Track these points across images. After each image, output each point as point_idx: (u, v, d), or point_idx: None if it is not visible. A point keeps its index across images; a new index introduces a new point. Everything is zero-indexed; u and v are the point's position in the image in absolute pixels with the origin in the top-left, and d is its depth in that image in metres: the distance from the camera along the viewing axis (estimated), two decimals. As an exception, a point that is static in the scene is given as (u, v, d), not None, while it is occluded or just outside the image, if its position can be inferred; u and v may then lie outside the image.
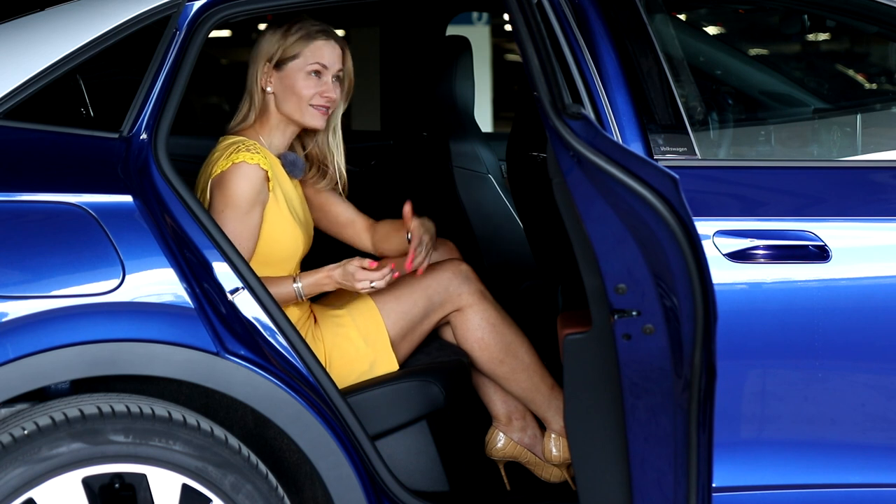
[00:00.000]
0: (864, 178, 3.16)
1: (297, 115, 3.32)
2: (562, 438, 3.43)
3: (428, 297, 3.38)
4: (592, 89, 3.02)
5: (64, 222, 2.79)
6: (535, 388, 3.43)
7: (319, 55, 3.31)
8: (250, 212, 3.18)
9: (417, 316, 3.38)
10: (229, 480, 2.77)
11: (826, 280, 2.98)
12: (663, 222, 2.56)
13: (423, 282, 3.38)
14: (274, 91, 3.31)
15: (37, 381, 2.74)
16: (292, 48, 3.31)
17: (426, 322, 3.40)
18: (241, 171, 3.17)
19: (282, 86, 3.31)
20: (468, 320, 3.42)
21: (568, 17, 3.07)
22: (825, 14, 3.98)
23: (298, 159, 3.39)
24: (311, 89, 3.30)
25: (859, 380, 3.03)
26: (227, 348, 2.82)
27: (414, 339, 3.41)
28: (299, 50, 3.31)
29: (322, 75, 3.31)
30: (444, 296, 3.39)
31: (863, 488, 3.02)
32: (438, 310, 3.40)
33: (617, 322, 2.64)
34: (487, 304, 3.43)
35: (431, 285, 3.38)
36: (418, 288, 3.38)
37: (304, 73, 3.30)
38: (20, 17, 3.13)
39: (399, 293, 3.37)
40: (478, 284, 3.44)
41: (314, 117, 3.32)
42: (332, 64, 3.32)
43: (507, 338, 3.42)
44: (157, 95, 2.94)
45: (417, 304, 3.38)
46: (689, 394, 2.65)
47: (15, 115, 2.90)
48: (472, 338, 3.42)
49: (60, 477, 2.69)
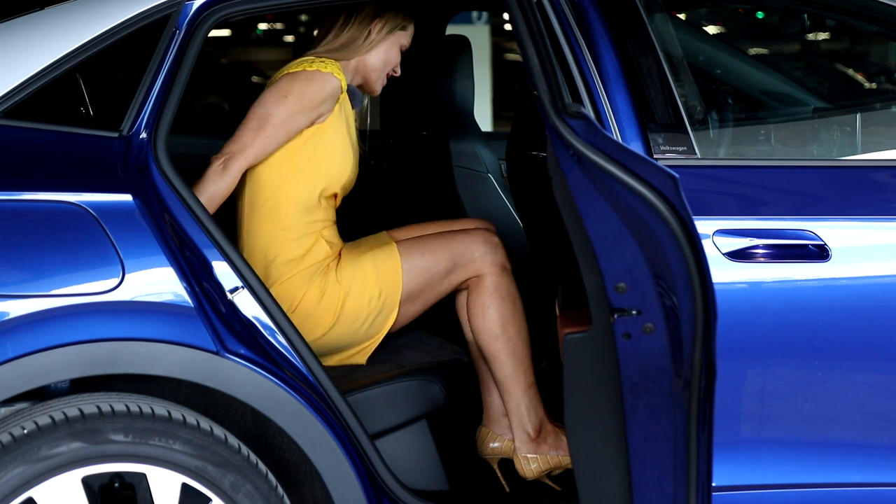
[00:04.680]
0: (864, 177, 3.16)
1: (376, 74, 3.48)
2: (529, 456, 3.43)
3: (452, 259, 3.40)
4: (592, 89, 3.02)
5: (63, 221, 2.79)
6: (515, 379, 3.42)
7: (410, 36, 3.52)
8: (307, 112, 3.29)
9: (438, 274, 3.40)
10: (229, 480, 2.77)
11: (826, 279, 2.98)
12: (663, 221, 2.56)
13: (451, 243, 3.42)
14: (372, 42, 3.45)
15: (36, 380, 2.74)
16: (404, 21, 3.49)
17: (445, 282, 3.42)
18: (316, 75, 3.30)
19: (383, 45, 3.46)
20: (482, 287, 3.41)
21: (568, 16, 3.07)
22: (825, 13, 3.98)
23: (359, 92, 3.51)
24: (397, 59, 3.50)
25: (859, 379, 3.03)
26: (226, 347, 2.82)
27: (429, 297, 3.42)
28: (407, 25, 3.49)
29: (400, 55, 3.51)
30: (467, 259, 3.41)
31: (863, 488, 3.02)
32: (460, 272, 3.41)
33: (617, 321, 2.64)
34: (505, 278, 3.43)
35: (458, 247, 3.41)
36: (445, 247, 3.41)
37: (399, 44, 3.49)
38: (20, 16, 3.13)
39: (425, 248, 3.41)
40: (502, 258, 3.44)
41: (380, 83, 3.51)
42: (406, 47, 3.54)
43: (510, 317, 3.41)
44: (156, 94, 2.94)
45: (440, 263, 3.40)
46: (689, 393, 2.65)
47: (15, 115, 2.90)
48: (479, 304, 3.41)
49: (60, 476, 2.68)
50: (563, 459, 3.41)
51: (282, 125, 3.26)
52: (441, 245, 3.41)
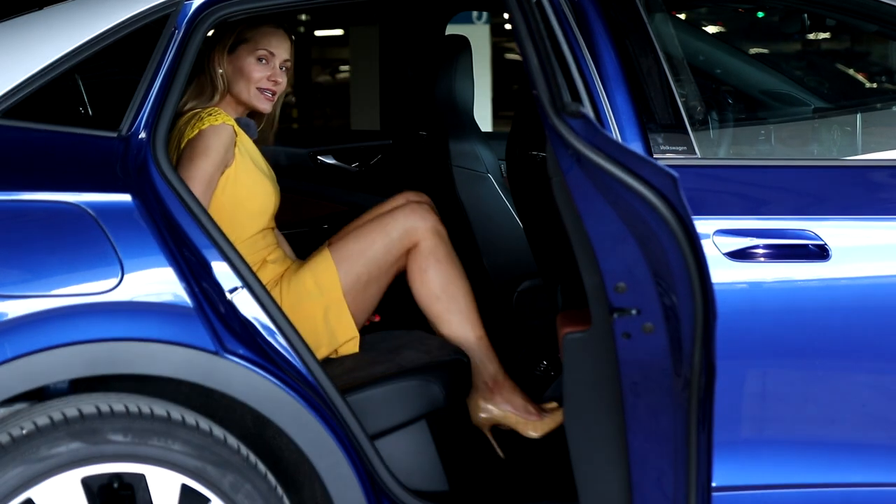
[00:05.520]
0: (864, 177, 3.16)
1: (245, 96, 3.49)
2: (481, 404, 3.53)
3: (386, 234, 3.50)
4: (592, 88, 3.02)
5: (62, 221, 2.79)
6: (463, 335, 3.52)
7: (267, 42, 3.50)
8: (219, 165, 3.33)
9: (378, 253, 3.49)
10: (228, 480, 2.77)
11: (826, 279, 2.98)
12: (663, 221, 2.56)
13: (382, 220, 3.53)
14: (225, 73, 3.48)
15: (35, 380, 2.73)
16: (244, 34, 3.49)
17: (388, 258, 3.50)
18: (211, 130, 3.33)
19: (232, 69, 3.49)
20: (418, 253, 3.51)
21: (568, 16, 3.07)
22: (825, 13, 3.98)
23: (251, 121, 3.55)
24: (259, 73, 3.47)
25: (859, 379, 3.03)
26: (226, 347, 2.82)
27: (380, 277, 3.51)
28: (250, 35, 3.49)
29: (269, 61, 3.49)
30: (400, 231, 3.50)
31: (863, 488, 3.01)
32: (397, 244, 3.50)
33: (616, 321, 2.64)
34: (438, 241, 3.53)
35: (389, 222, 3.52)
36: (376, 227, 3.51)
37: (254, 57, 3.47)
38: (19, 16, 3.13)
39: (357, 235, 3.51)
40: (434, 223, 3.54)
41: (261, 100, 3.50)
42: (279, 53, 3.51)
43: (448, 277, 3.52)
44: (155, 94, 2.94)
45: (376, 242, 3.49)
46: (689, 393, 2.64)
47: (13, 114, 2.90)
48: (417, 269, 3.52)
49: (59, 476, 2.68)
50: (510, 417, 3.52)
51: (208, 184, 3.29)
52: (372, 227, 3.52)
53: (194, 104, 3.48)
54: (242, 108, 3.53)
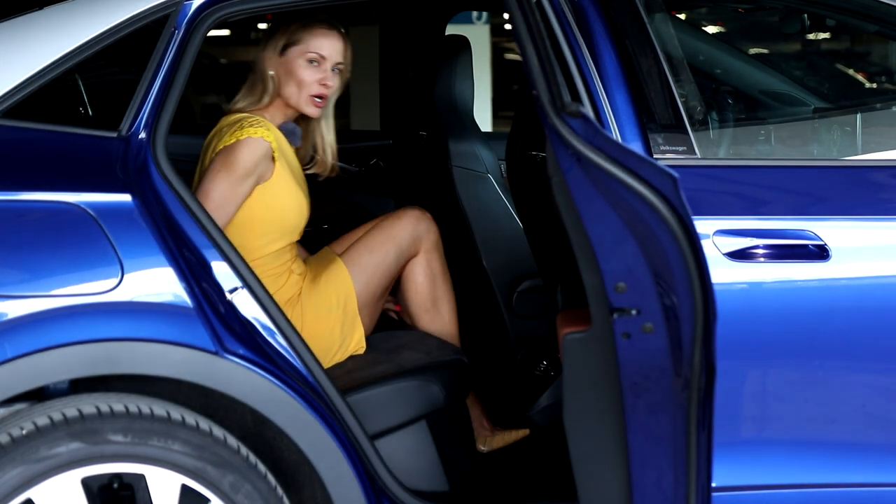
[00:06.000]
0: (864, 177, 3.16)
1: (294, 100, 3.44)
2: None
3: (397, 245, 3.60)
4: (592, 88, 3.02)
5: (62, 221, 2.79)
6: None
7: (318, 45, 3.44)
8: (243, 180, 3.30)
9: (391, 264, 3.60)
10: (228, 480, 2.76)
11: (826, 279, 2.98)
12: (663, 221, 2.56)
13: (391, 231, 3.60)
14: (276, 75, 3.43)
15: (35, 380, 2.73)
16: (295, 35, 3.43)
17: (396, 268, 3.62)
18: (246, 143, 3.29)
19: (283, 70, 3.43)
20: (417, 264, 3.64)
21: (567, 16, 3.07)
22: (825, 13, 3.98)
23: (297, 128, 3.52)
24: (309, 76, 3.42)
25: (859, 379, 3.03)
26: (226, 347, 2.82)
27: (389, 287, 3.64)
28: (301, 37, 3.43)
29: (320, 64, 3.44)
30: (409, 241, 3.61)
31: (863, 488, 3.01)
32: (406, 254, 3.63)
33: (616, 321, 2.64)
34: (436, 255, 3.67)
35: (400, 233, 3.61)
36: (388, 238, 3.59)
37: (304, 60, 3.42)
38: (19, 16, 3.13)
39: (370, 247, 3.57)
40: (436, 235, 3.67)
41: (309, 105, 3.45)
42: (331, 55, 3.45)
43: (440, 292, 3.66)
44: (155, 94, 2.94)
45: (389, 253, 3.59)
46: (689, 393, 2.64)
47: (13, 114, 2.90)
48: (414, 280, 3.64)
49: (59, 477, 2.68)
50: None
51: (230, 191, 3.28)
52: (382, 238, 3.59)
53: (245, 104, 3.45)
54: (292, 112, 3.48)
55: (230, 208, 3.27)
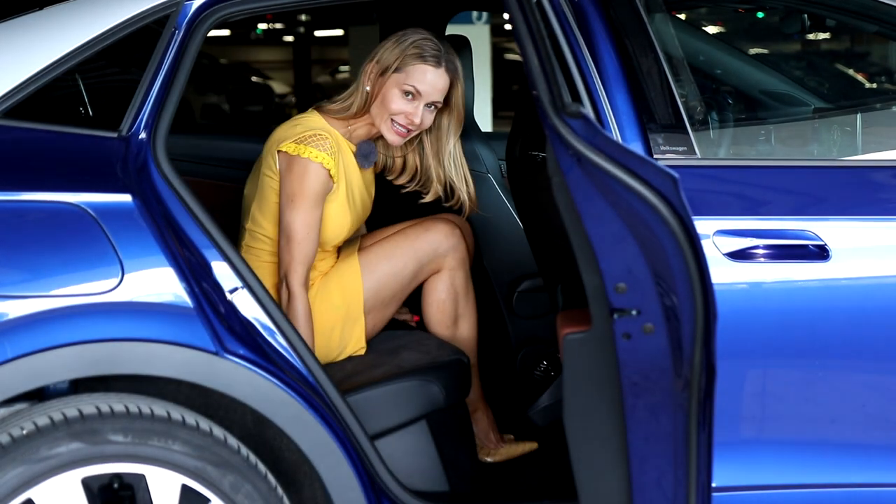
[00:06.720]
0: (864, 177, 3.16)
1: (379, 121, 3.44)
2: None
3: (417, 259, 3.55)
4: (592, 89, 3.02)
5: (63, 222, 2.79)
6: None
7: (418, 79, 3.42)
8: (318, 205, 3.34)
9: (407, 277, 3.55)
10: (228, 480, 2.76)
11: (826, 279, 2.98)
12: (663, 221, 2.56)
13: (416, 244, 3.54)
14: (371, 92, 3.42)
15: (36, 380, 2.73)
16: (400, 60, 3.42)
17: (414, 282, 3.58)
18: (307, 167, 3.31)
19: (378, 91, 3.43)
20: (441, 280, 3.59)
21: (568, 16, 3.07)
22: (825, 13, 3.98)
23: (373, 152, 3.52)
24: (398, 106, 3.41)
25: (859, 379, 3.03)
26: (226, 348, 2.82)
27: (402, 297, 3.59)
28: (404, 65, 3.41)
29: (415, 98, 3.42)
30: (431, 256, 3.56)
31: (863, 488, 3.01)
32: (426, 269, 3.58)
33: (617, 321, 2.64)
34: (461, 273, 3.61)
35: (423, 247, 3.55)
36: (409, 249, 3.54)
37: (400, 90, 3.40)
38: (19, 16, 3.13)
39: (391, 254, 3.53)
40: (463, 252, 3.60)
41: (390, 132, 3.44)
42: (428, 93, 3.42)
43: (461, 310, 3.62)
44: (156, 94, 2.94)
45: (408, 266, 3.54)
46: (689, 393, 2.64)
47: (14, 115, 2.90)
48: (437, 298, 3.60)
49: (59, 477, 2.68)
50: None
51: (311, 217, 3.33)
52: (406, 248, 3.53)
53: (337, 108, 3.46)
54: (375, 131, 3.49)
55: (315, 233, 3.34)
